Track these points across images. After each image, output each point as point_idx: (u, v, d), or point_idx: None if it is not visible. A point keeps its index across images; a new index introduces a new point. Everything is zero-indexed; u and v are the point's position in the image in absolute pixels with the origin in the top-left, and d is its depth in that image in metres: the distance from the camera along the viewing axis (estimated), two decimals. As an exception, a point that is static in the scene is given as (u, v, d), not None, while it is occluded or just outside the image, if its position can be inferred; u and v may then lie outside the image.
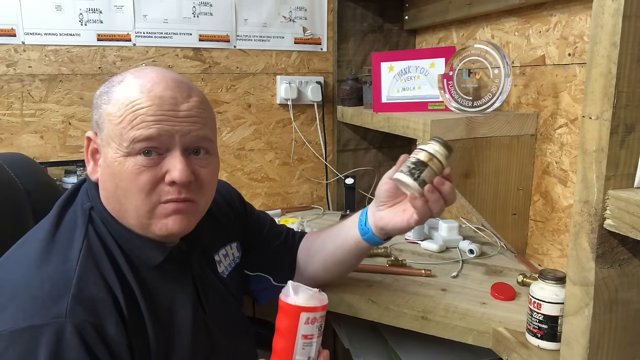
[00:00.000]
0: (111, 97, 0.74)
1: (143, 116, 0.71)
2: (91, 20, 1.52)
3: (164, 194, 0.74)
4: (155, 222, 0.75)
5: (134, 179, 0.72)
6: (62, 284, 0.67)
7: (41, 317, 0.63)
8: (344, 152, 1.79)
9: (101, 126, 0.74)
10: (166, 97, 0.73)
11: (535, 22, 1.22)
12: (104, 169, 0.75)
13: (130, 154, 0.72)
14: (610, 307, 0.68)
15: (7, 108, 1.48)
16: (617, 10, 0.60)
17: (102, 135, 0.75)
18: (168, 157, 0.73)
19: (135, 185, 0.72)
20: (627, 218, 0.61)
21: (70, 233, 0.73)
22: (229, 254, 0.98)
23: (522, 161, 1.24)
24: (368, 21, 1.74)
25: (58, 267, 0.69)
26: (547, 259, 1.23)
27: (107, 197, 0.76)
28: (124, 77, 0.76)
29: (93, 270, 0.70)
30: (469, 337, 0.99)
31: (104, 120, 0.74)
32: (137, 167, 0.72)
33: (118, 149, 0.72)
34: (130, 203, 0.73)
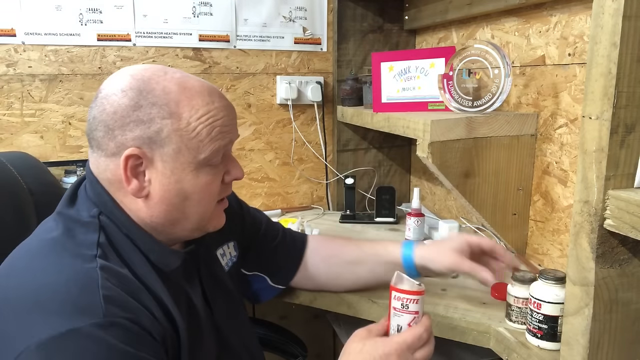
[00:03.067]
0: (170, 110, 0.72)
1: (220, 127, 0.75)
2: (91, 20, 1.52)
3: (223, 193, 0.81)
4: (211, 220, 0.81)
5: (208, 188, 0.76)
6: (89, 285, 0.65)
7: (80, 320, 0.62)
8: (344, 152, 1.79)
9: (163, 141, 0.72)
10: (227, 106, 0.78)
11: (535, 22, 1.22)
12: (168, 185, 0.74)
13: (204, 165, 0.75)
14: (610, 307, 0.68)
15: (7, 108, 1.48)
16: (617, 10, 0.60)
17: (162, 150, 0.72)
18: (226, 160, 0.80)
19: (209, 194, 0.77)
20: (627, 218, 0.61)
21: (81, 237, 0.72)
22: (227, 252, 0.99)
23: (522, 161, 1.24)
24: (368, 21, 1.74)
25: (78, 268, 0.68)
26: (547, 259, 1.23)
27: (165, 210, 0.75)
28: (164, 88, 0.73)
29: (113, 269, 0.69)
30: (469, 337, 0.99)
31: (170, 135, 0.72)
32: (210, 176, 0.76)
33: (191, 162, 0.73)
34: (197, 210, 0.77)
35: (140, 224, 0.76)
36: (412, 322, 0.79)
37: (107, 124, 0.72)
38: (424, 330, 0.77)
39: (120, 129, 0.72)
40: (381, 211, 1.63)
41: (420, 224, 1.42)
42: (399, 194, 1.73)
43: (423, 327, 0.77)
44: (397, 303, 0.80)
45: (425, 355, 0.77)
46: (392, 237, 1.49)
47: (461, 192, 1.21)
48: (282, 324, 1.33)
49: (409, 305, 0.79)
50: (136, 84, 0.73)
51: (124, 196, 0.75)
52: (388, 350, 0.74)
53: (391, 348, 0.74)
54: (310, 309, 1.19)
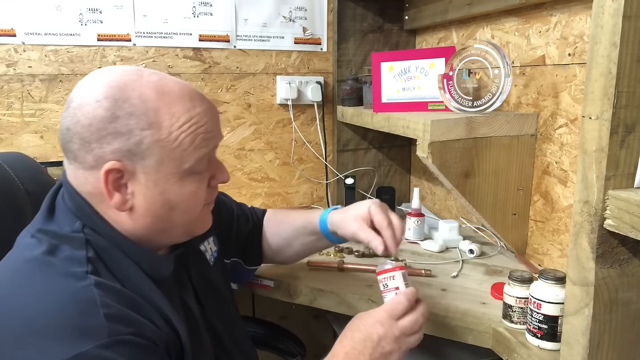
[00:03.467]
0: (149, 120, 0.68)
1: (203, 135, 0.72)
2: (91, 20, 1.52)
3: (210, 197, 0.79)
4: (199, 225, 0.80)
5: (194, 196, 0.74)
6: (88, 305, 0.63)
7: (84, 343, 0.59)
8: (344, 152, 1.79)
9: (144, 153, 0.68)
10: (209, 109, 0.74)
11: (535, 22, 1.22)
12: (152, 197, 0.71)
13: (188, 173, 0.72)
14: (610, 307, 0.68)
15: (7, 108, 1.48)
16: (617, 10, 0.60)
17: (144, 162, 0.69)
18: (211, 164, 0.77)
19: (196, 201, 0.75)
20: (627, 218, 0.61)
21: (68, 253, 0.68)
22: (207, 248, 0.97)
23: (522, 161, 1.24)
24: (368, 21, 1.74)
25: (72, 288, 0.64)
26: (547, 259, 1.23)
27: (150, 222, 0.73)
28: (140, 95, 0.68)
29: (108, 284, 0.66)
30: (469, 337, 0.99)
31: (151, 147, 0.68)
32: (196, 184, 0.74)
33: (175, 172, 0.71)
34: (184, 218, 0.75)
35: (126, 235, 0.73)
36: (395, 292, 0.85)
37: (83, 137, 0.68)
38: (404, 298, 0.81)
39: (97, 142, 0.67)
40: (381, 211, 1.63)
41: (420, 224, 1.42)
42: (399, 194, 1.73)
43: (403, 296, 0.82)
44: (380, 286, 0.87)
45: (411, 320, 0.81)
46: (392, 237, 1.49)
47: (461, 192, 1.21)
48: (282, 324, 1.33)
49: (387, 284, 0.86)
50: (111, 92, 0.68)
51: (107, 208, 0.72)
52: (372, 321, 0.80)
53: (374, 318, 0.80)
54: (310, 309, 1.19)
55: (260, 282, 1.20)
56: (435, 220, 1.52)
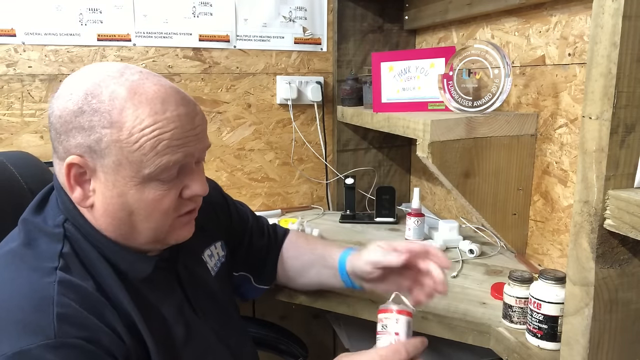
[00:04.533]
0: (112, 119, 0.66)
1: (168, 141, 0.67)
2: (91, 20, 1.52)
3: (182, 208, 0.74)
4: (171, 234, 0.75)
5: (156, 204, 0.70)
6: (43, 302, 0.62)
7: (29, 340, 0.59)
8: (344, 152, 1.79)
9: (103, 152, 0.67)
10: (182, 115, 0.69)
11: (535, 22, 1.22)
12: (110, 198, 0.69)
13: (150, 180, 0.68)
14: (610, 307, 0.68)
15: (7, 108, 1.48)
16: (617, 10, 0.60)
17: (103, 161, 0.67)
18: (184, 174, 0.72)
19: (159, 210, 0.70)
20: (627, 218, 0.61)
21: (43, 247, 0.68)
22: (214, 253, 0.95)
23: (522, 161, 1.24)
24: (368, 21, 1.74)
25: (34, 283, 0.64)
26: (547, 259, 1.23)
27: (112, 223, 0.71)
28: (112, 93, 0.67)
29: (74, 283, 0.66)
30: (469, 337, 0.99)
31: (109, 146, 0.66)
32: (159, 192, 0.69)
33: (134, 176, 0.67)
34: (148, 225, 0.71)
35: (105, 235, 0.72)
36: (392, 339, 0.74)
37: (55, 127, 0.68)
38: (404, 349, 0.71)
39: (65, 134, 0.67)
40: (381, 211, 1.63)
41: (420, 224, 1.42)
42: (399, 194, 1.73)
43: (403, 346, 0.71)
44: (378, 325, 0.76)
45: None
46: (392, 237, 1.49)
47: (461, 192, 1.21)
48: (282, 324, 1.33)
49: (387, 325, 0.74)
50: (84, 86, 0.67)
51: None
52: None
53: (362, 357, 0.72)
54: (310, 309, 1.19)
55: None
56: (435, 220, 1.52)
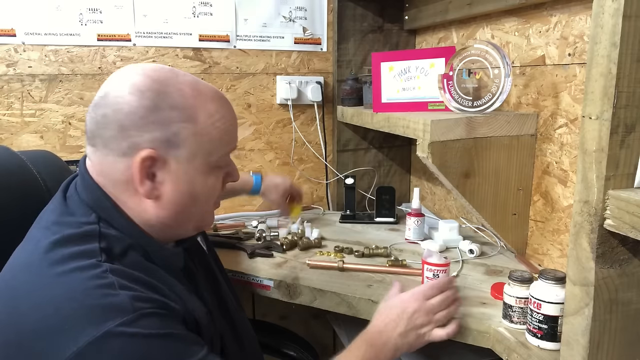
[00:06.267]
0: (188, 113, 0.73)
1: (231, 132, 0.79)
2: (91, 20, 1.52)
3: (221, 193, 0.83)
4: (207, 218, 0.84)
5: (214, 189, 0.79)
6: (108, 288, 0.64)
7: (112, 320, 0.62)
8: (344, 152, 1.79)
9: (179, 144, 0.72)
10: (232, 111, 0.81)
11: (535, 22, 1.22)
12: (180, 186, 0.74)
13: (215, 167, 0.78)
14: (610, 307, 0.68)
15: (7, 108, 1.48)
16: (617, 10, 0.60)
17: (177, 152, 0.73)
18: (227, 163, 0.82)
19: (214, 194, 0.80)
20: (627, 218, 0.61)
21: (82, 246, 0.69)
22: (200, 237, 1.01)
23: (522, 161, 1.24)
24: (368, 21, 1.74)
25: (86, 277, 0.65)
26: (547, 259, 1.23)
27: (173, 212, 0.76)
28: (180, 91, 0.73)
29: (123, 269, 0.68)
30: (469, 337, 0.99)
31: (187, 138, 0.73)
32: (218, 179, 0.80)
33: (204, 164, 0.75)
34: (201, 211, 0.79)
35: (143, 227, 0.75)
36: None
37: (122, 124, 0.70)
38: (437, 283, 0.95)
39: (137, 130, 0.70)
40: (381, 211, 1.63)
41: (420, 224, 1.42)
42: (399, 194, 1.73)
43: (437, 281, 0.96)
44: (429, 273, 1.06)
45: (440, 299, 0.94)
46: (392, 237, 1.49)
47: (461, 192, 1.21)
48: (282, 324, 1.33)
49: (439, 275, 1.05)
50: (152, 85, 0.72)
51: (129, 197, 0.74)
52: (407, 297, 0.94)
53: (410, 295, 0.94)
54: (310, 309, 1.19)
55: (260, 282, 1.20)
56: (435, 220, 1.52)
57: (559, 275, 0.84)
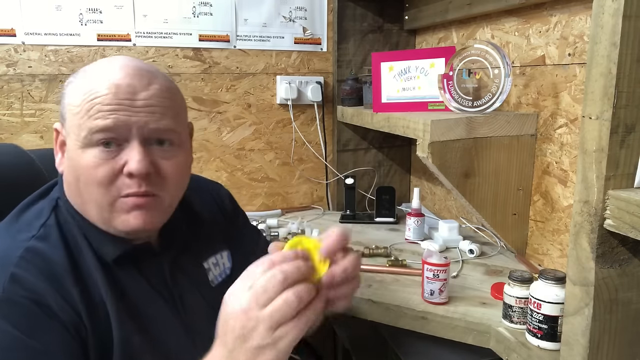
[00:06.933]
0: (73, 87, 0.73)
1: (99, 105, 0.69)
2: (91, 20, 1.52)
3: (124, 188, 0.71)
4: (116, 216, 0.72)
5: (92, 171, 0.70)
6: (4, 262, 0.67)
7: None
8: (344, 152, 1.79)
9: (64, 117, 0.73)
10: (123, 85, 0.70)
11: (535, 22, 1.22)
12: (67, 161, 0.74)
13: (89, 145, 0.70)
14: (610, 307, 0.68)
15: (7, 108, 1.48)
16: (617, 10, 0.60)
17: (65, 126, 0.73)
18: (127, 149, 0.71)
19: (94, 178, 0.70)
20: (627, 218, 0.61)
21: (30, 218, 0.74)
22: (220, 263, 0.91)
23: (522, 161, 1.24)
24: (368, 21, 1.74)
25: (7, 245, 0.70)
26: (547, 259, 1.23)
27: (70, 190, 0.75)
28: (90, 67, 0.75)
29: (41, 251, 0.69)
30: (469, 337, 0.99)
31: (66, 111, 0.73)
32: (95, 159, 0.70)
33: (77, 140, 0.71)
34: (90, 196, 0.72)
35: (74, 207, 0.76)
36: (442, 287, 1.04)
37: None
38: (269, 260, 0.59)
39: (60, 105, 0.76)
40: (381, 211, 1.63)
41: (420, 224, 1.42)
42: (399, 194, 1.73)
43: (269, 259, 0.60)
44: (429, 273, 1.04)
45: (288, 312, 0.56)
46: (392, 237, 1.49)
47: (461, 192, 1.21)
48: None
49: (439, 275, 1.04)
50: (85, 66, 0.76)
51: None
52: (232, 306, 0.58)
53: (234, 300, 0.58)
54: (310, 309, 1.19)
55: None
56: (435, 220, 1.52)
57: (559, 275, 0.84)
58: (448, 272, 1.05)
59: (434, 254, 1.07)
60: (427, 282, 1.05)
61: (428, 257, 1.05)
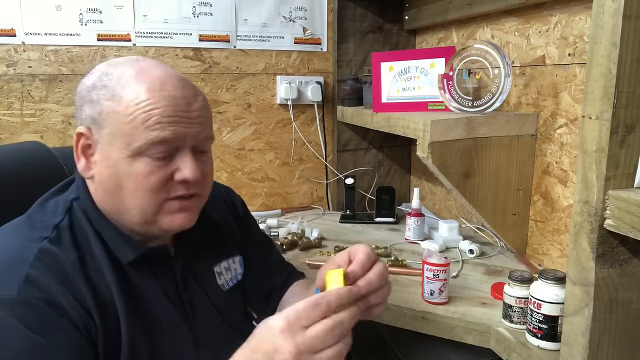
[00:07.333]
0: (114, 93, 0.71)
1: (158, 117, 0.70)
2: (91, 20, 1.52)
3: (172, 191, 0.74)
4: (162, 217, 0.74)
5: (143, 179, 0.71)
6: (18, 263, 0.67)
7: None
8: (344, 152, 1.79)
9: (102, 123, 0.71)
10: (178, 97, 0.72)
11: (535, 22, 1.22)
12: (105, 168, 0.72)
13: (140, 154, 0.70)
14: (610, 307, 0.68)
15: (7, 108, 1.48)
16: (617, 10, 0.60)
17: (102, 132, 0.72)
18: (178, 157, 0.73)
19: (145, 186, 0.72)
20: (627, 218, 0.61)
21: (43, 219, 0.74)
22: (232, 268, 0.92)
23: (522, 161, 1.24)
24: (368, 21, 1.74)
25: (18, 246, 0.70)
26: (547, 259, 1.23)
27: (105, 196, 0.74)
28: (122, 72, 0.73)
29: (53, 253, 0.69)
30: (469, 337, 0.99)
31: (108, 117, 0.71)
32: (148, 167, 0.71)
33: (125, 148, 0.70)
34: (135, 202, 0.72)
35: (102, 210, 0.76)
36: (442, 287, 1.04)
37: (75, 102, 0.76)
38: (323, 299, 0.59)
39: (80, 108, 0.74)
40: (381, 211, 1.63)
41: (420, 224, 1.42)
42: (399, 194, 1.73)
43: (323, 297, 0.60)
44: (429, 273, 1.05)
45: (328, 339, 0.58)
46: (392, 237, 1.49)
47: (461, 192, 1.21)
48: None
49: (439, 275, 1.04)
50: (103, 67, 0.75)
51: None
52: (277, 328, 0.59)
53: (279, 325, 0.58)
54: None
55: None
56: (435, 220, 1.52)
57: (559, 275, 0.84)
58: (448, 272, 1.05)
59: (434, 254, 1.07)
60: (427, 282, 1.05)
61: (428, 257, 1.05)
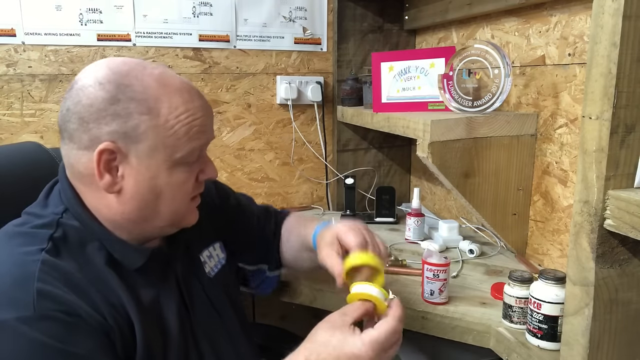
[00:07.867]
0: (149, 106, 0.70)
1: (198, 127, 0.74)
2: (91, 20, 1.52)
3: (196, 191, 0.80)
4: (185, 216, 0.80)
5: (182, 186, 0.76)
6: (25, 277, 0.66)
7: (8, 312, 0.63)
8: (344, 152, 1.79)
9: (139, 138, 0.70)
10: (205, 105, 0.77)
11: (535, 22, 1.22)
12: (141, 181, 0.72)
13: (179, 163, 0.74)
14: (610, 307, 0.68)
15: (7, 108, 1.48)
16: (617, 10, 0.60)
17: (137, 146, 0.71)
18: (200, 159, 0.78)
19: (184, 192, 0.77)
20: (627, 218, 0.61)
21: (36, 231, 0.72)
22: (213, 255, 0.95)
23: (522, 161, 1.24)
24: (368, 21, 1.74)
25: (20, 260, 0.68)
26: (547, 259, 1.23)
27: (139, 208, 0.74)
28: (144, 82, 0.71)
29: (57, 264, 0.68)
30: (469, 337, 0.99)
31: (147, 131, 0.70)
32: (186, 174, 0.75)
33: (166, 160, 0.72)
34: (171, 208, 0.76)
35: (103, 221, 0.75)
36: (442, 287, 1.04)
37: (82, 116, 0.70)
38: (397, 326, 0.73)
39: (96, 122, 0.70)
40: (381, 211, 1.63)
41: (420, 224, 1.42)
42: (399, 194, 1.73)
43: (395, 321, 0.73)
44: (429, 273, 1.04)
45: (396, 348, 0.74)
46: (392, 237, 1.49)
47: (461, 192, 1.21)
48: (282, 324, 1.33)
49: (439, 275, 1.04)
50: (114, 77, 0.71)
51: (94, 191, 0.74)
52: (357, 352, 0.69)
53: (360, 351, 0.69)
54: (310, 309, 1.19)
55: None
56: (435, 220, 1.52)
57: (559, 275, 0.84)
58: (448, 272, 1.05)
59: (434, 254, 1.07)
60: (427, 282, 1.05)
61: (428, 257, 1.05)
